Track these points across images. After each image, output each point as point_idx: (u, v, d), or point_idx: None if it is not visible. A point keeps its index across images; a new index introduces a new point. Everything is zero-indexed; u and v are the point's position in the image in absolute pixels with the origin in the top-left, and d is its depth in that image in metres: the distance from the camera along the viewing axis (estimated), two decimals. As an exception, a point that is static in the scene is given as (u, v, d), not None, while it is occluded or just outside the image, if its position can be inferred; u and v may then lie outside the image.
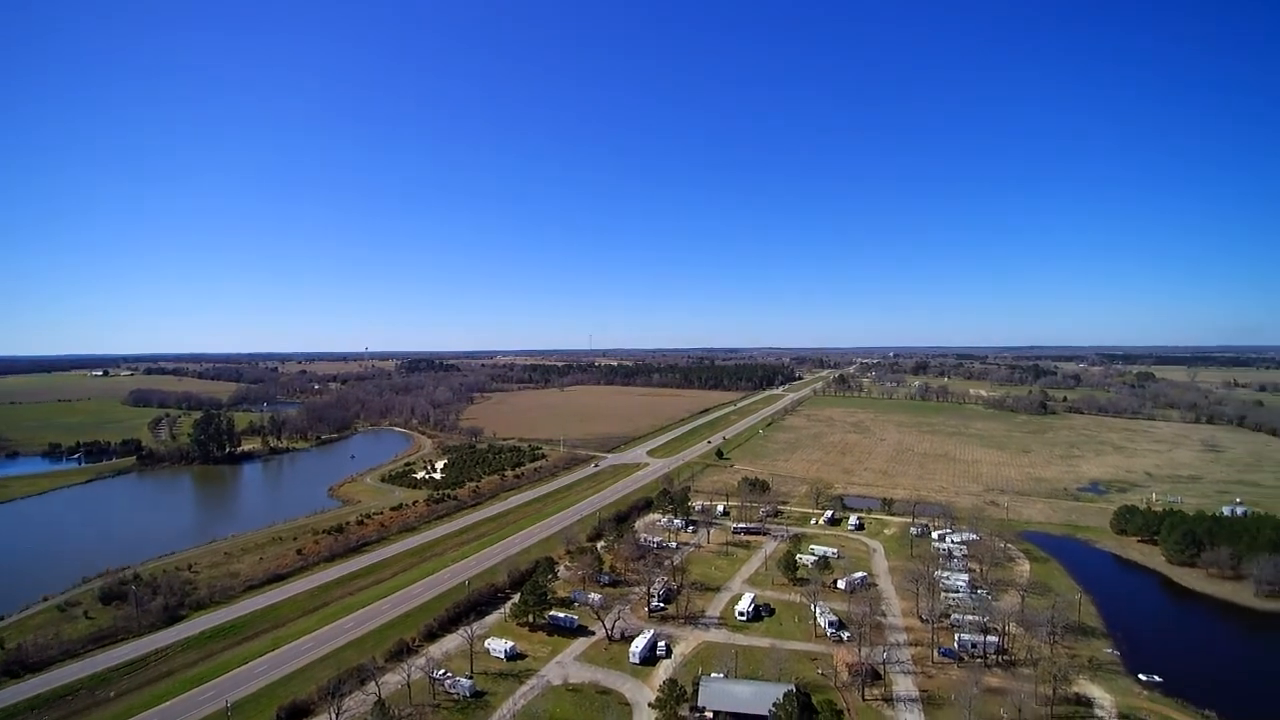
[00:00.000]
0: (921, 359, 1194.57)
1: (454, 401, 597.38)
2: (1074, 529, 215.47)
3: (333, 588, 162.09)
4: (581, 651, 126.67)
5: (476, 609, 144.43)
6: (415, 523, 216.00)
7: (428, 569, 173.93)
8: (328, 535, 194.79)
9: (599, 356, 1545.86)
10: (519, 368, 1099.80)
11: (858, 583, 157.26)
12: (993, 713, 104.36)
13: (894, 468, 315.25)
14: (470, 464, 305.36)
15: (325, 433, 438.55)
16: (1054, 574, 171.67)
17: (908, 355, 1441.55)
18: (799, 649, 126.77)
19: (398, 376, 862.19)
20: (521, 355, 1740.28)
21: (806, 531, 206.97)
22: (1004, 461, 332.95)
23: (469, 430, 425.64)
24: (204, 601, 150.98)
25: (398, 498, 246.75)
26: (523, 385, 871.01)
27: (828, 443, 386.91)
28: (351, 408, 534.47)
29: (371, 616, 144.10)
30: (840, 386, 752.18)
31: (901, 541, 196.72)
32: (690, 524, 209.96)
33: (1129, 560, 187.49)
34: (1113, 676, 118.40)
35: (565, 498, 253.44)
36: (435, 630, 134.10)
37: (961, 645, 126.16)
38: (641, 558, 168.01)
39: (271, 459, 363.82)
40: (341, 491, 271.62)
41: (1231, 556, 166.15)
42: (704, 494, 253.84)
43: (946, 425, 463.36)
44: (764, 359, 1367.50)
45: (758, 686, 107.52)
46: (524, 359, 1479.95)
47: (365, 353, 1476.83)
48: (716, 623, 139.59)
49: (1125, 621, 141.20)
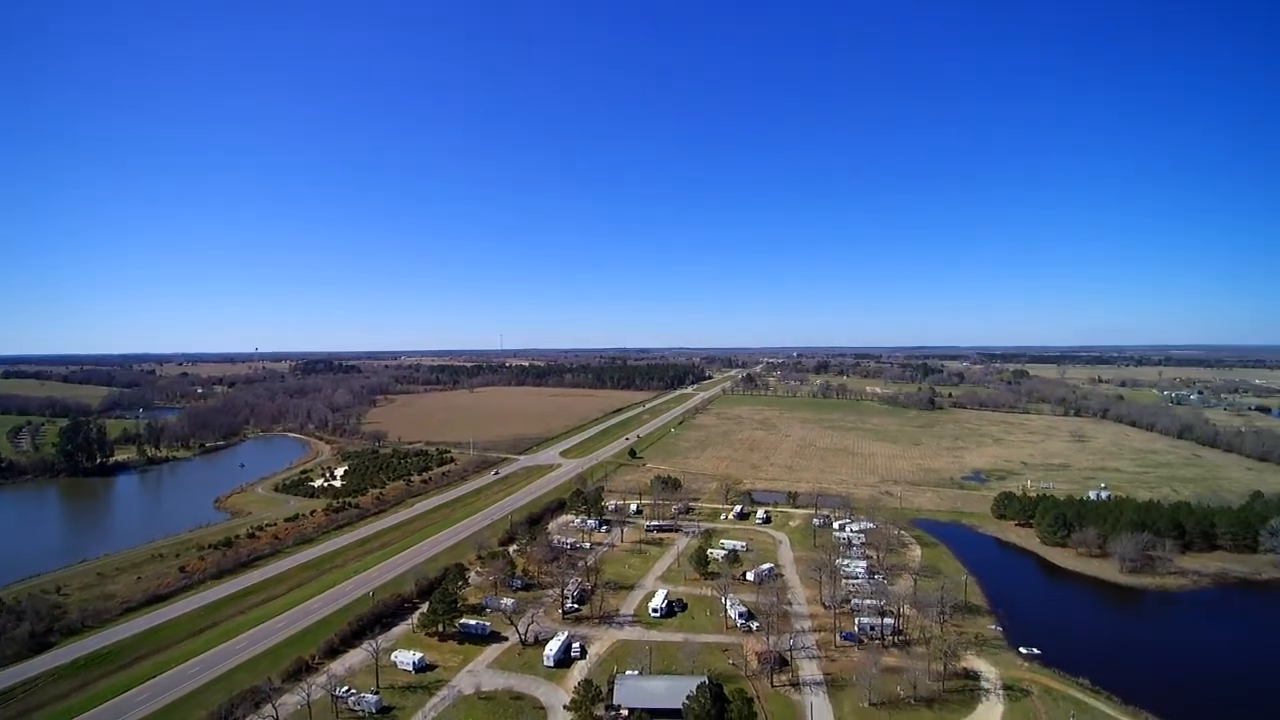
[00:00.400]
0: (823, 359, 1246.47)
1: (354, 404, 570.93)
2: (960, 515, 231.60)
3: (222, 606, 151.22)
4: (494, 658, 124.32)
5: (382, 621, 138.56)
6: (313, 534, 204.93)
7: (328, 582, 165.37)
8: (214, 550, 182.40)
9: (510, 357, 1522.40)
10: (425, 368, 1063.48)
11: (765, 574, 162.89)
12: (890, 690, 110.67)
13: (798, 462, 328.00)
14: (373, 470, 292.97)
15: (210, 440, 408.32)
16: (943, 557, 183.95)
17: (810, 355, 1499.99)
18: (711, 641, 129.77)
19: (292, 379, 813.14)
20: (428, 355, 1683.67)
21: (717, 527, 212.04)
22: (897, 454, 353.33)
23: (371, 434, 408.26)
24: (76, 626, 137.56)
25: (293, 508, 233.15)
26: (429, 387, 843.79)
27: (736, 440, 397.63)
28: (240, 413, 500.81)
29: (266, 635, 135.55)
30: (748, 385, 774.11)
31: (805, 533, 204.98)
32: (604, 524, 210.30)
33: (1008, 542, 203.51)
34: (997, 651, 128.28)
35: (476, 502, 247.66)
36: (337, 646, 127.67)
37: (861, 628, 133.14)
38: (555, 560, 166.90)
39: (149, 469, 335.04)
40: (230, 503, 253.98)
41: (1098, 537, 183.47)
42: (617, 493, 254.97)
43: (845, 421, 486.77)
44: (675, 359, 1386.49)
45: (672, 681, 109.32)
46: (431, 359, 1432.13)
47: (254, 353, 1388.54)
48: (631, 621, 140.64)
49: (1007, 599, 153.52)
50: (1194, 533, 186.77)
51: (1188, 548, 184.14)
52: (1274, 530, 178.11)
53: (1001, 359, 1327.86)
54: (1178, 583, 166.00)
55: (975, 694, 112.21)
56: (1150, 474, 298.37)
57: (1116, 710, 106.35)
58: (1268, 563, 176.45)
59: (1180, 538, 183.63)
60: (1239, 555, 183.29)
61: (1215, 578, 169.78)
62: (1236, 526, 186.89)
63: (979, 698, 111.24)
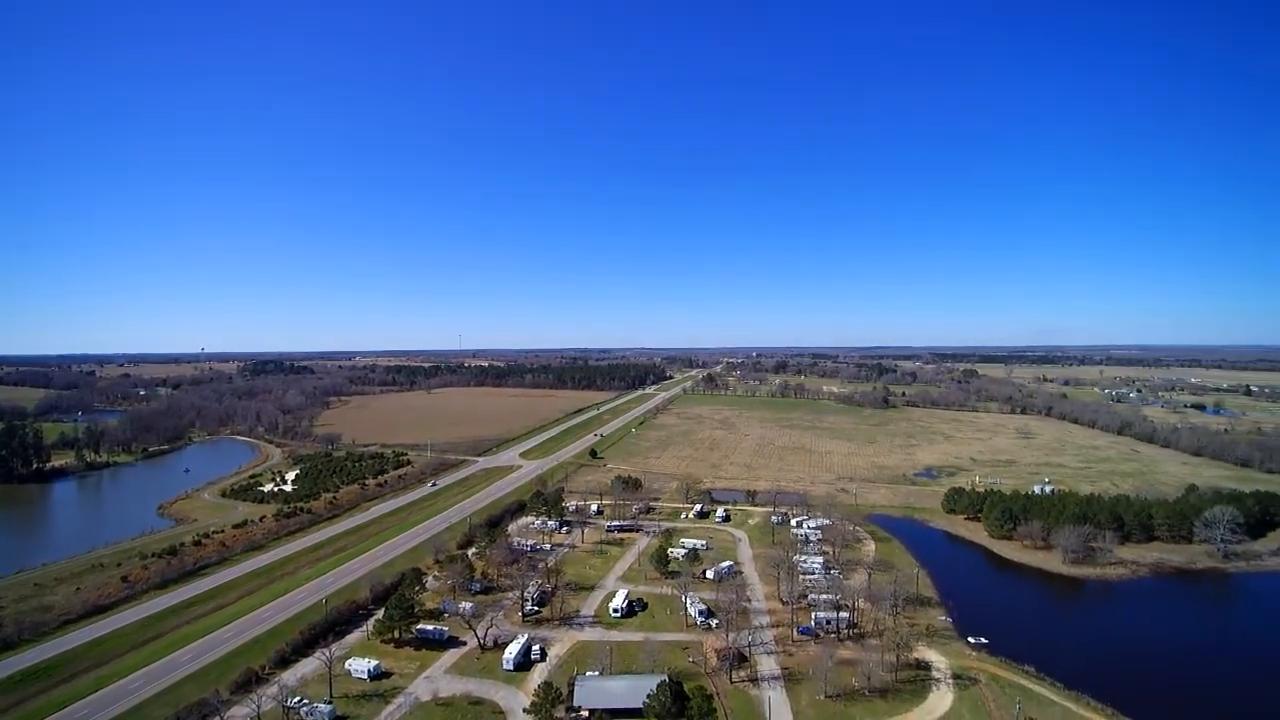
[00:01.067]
0: (781, 358, 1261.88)
1: (307, 406, 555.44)
2: (911, 510, 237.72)
3: (167, 617, 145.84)
4: (452, 663, 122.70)
5: (336, 629, 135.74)
6: (263, 540, 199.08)
7: (278, 589, 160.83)
8: (159, 559, 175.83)
9: (469, 357, 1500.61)
10: (381, 369, 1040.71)
11: (725, 571, 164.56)
12: (846, 683, 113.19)
13: (757, 461, 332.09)
14: (326, 473, 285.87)
15: (153, 444, 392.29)
16: (895, 552, 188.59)
17: (769, 355, 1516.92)
18: (671, 640, 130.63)
19: (240, 380, 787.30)
20: (384, 356, 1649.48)
21: (677, 526, 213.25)
22: (852, 452, 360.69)
23: (324, 437, 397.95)
24: (11, 640, 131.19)
25: (242, 514, 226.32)
26: (386, 388, 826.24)
27: (697, 439, 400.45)
28: (185, 415, 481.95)
29: (213, 646, 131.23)
30: (708, 385, 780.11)
31: (764, 530, 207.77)
32: (564, 525, 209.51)
33: (958, 536, 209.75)
34: (947, 641, 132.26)
35: (434, 505, 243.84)
36: (289, 655, 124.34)
37: (818, 622, 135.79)
38: (515, 562, 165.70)
39: (89, 475, 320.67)
40: (174, 509, 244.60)
41: (1043, 529, 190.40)
42: (578, 494, 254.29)
43: (803, 420, 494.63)
44: (637, 359, 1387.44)
45: (632, 680, 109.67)
46: (387, 360, 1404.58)
47: (201, 354, 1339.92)
48: (591, 621, 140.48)
49: (956, 591, 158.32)
50: (1133, 525, 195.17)
51: (1127, 539, 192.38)
52: (1208, 522, 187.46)
53: (952, 359, 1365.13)
54: (1117, 572, 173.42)
55: (926, 683, 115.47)
56: (1092, 469, 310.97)
57: (1059, 695, 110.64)
58: (1202, 553, 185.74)
59: (1120, 529, 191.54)
60: (1175, 545, 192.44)
61: (1153, 567, 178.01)
62: (1173, 518, 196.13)
63: (930, 687, 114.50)
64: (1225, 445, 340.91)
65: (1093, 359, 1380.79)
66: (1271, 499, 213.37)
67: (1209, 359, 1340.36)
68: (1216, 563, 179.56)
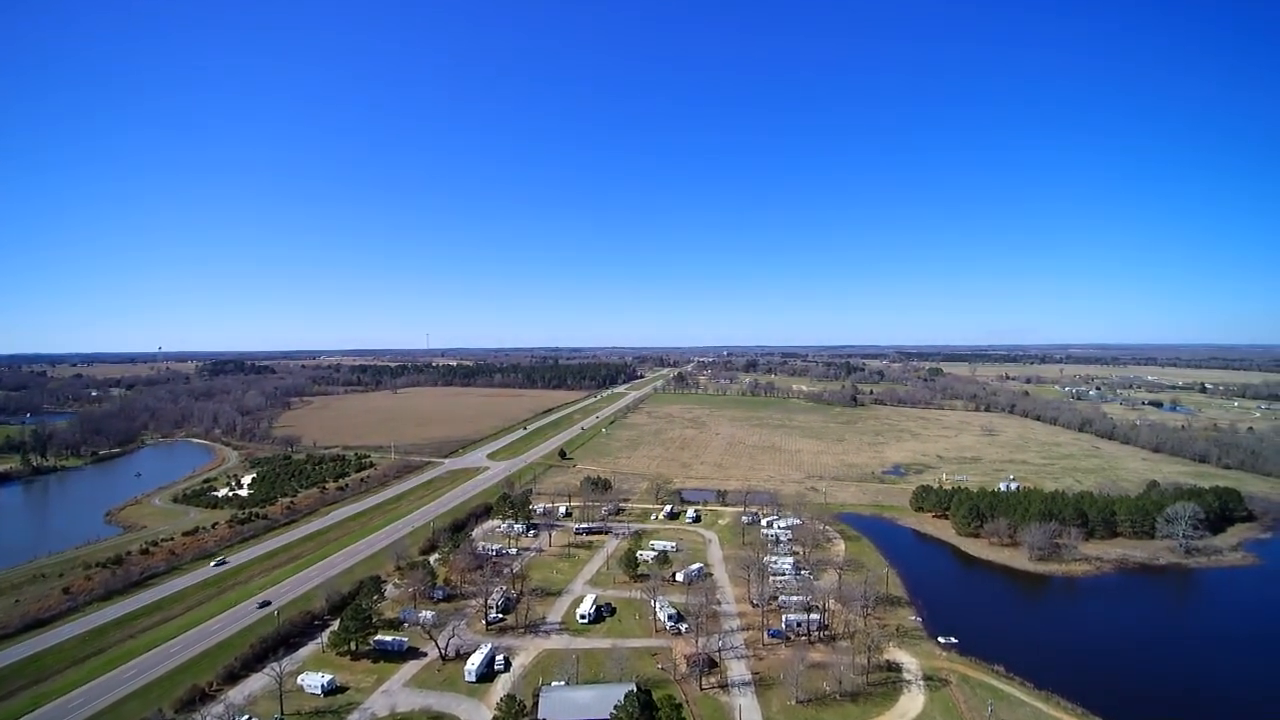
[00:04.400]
0: (752, 357, 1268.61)
1: (266, 408, 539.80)
2: (880, 509, 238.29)
3: (110, 630, 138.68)
4: (412, 676, 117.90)
5: (289, 642, 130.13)
6: (214, 548, 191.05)
7: (229, 600, 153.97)
8: (103, 569, 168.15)
9: (437, 356, 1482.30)
10: (345, 369, 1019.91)
11: (695, 574, 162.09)
12: (817, 687, 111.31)
13: (728, 460, 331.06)
14: (285, 477, 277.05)
15: (104, 447, 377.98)
16: (865, 551, 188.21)
17: (740, 354, 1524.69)
18: (640, 646, 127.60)
19: (198, 380, 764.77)
20: (349, 355, 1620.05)
21: (647, 527, 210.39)
22: (822, 450, 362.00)
23: (284, 439, 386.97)
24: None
25: (193, 520, 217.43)
26: (350, 388, 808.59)
27: (668, 439, 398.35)
28: (139, 417, 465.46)
29: (159, 661, 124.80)
30: (679, 384, 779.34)
31: (734, 530, 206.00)
32: (531, 528, 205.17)
33: (926, 534, 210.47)
34: (917, 641, 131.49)
35: (396, 509, 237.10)
36: (237, 670, 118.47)
37: (788, 625, 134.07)
38: (479, 568, 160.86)
39: (35, 480, 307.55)
40: (123, 516, 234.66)
41: (1009, 527, 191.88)
42: (546, 496, 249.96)
43: (773, 419, 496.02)
44: (608, 358, 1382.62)
45: (599, 690, 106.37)
46: (352, 359, 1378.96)
47: (158, 353, 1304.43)
48: (558, 628, 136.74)
49: (926, 590, 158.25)
50: (1096, 521, 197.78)
51: (1091, 535, 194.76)
52: (1170, 518, 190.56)
53: (918, 357, 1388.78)
54: (1082, 569, 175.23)
55: (898, 686, 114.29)
56: (1055, 465, 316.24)
57: (1029, 695, 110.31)
58: (1164, 549, 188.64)
59: (1084, 526, 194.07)
60: (1138, 541, 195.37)
61: (1116, 563, 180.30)
62: (1135, 514, 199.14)
63: (901, 689, 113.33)
64: (1183, 441, 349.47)
65: (1053, 357, 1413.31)
66: (1231, 495, 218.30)
67: (1164, 357, 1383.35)
68: (1179, 558, 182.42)
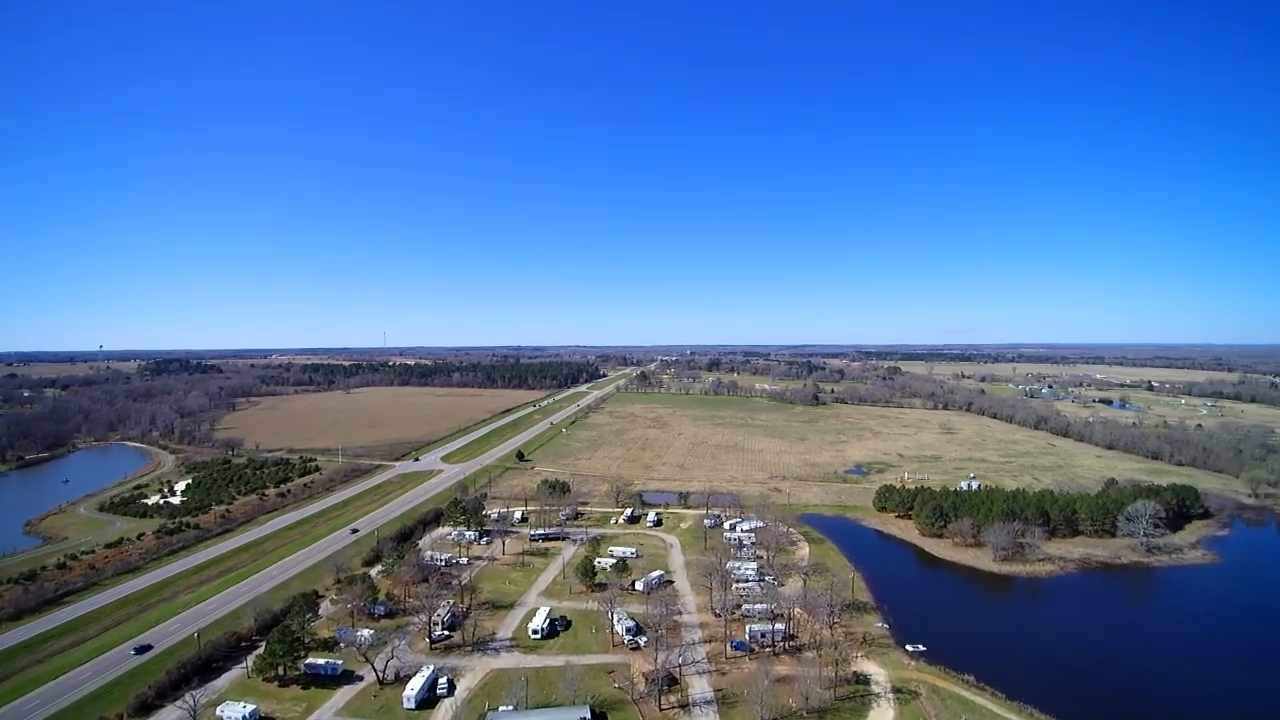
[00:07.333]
0: (715, 356, 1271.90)
1: (209, 409, 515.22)
2: (844, 509, 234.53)
3: (17, 654, 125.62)
4: (345, 703, 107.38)
5: (213, 665, 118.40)
6: (139, 561, 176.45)
7: (149, 620, 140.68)
8: (15, 585, 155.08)
9: (395, 355, 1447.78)
10: (297, 368, 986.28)
11: (655, 582, 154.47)
12: (783, 703, 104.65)
13: (690, 461, 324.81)
14: (222, 483, 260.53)
15: (31, 451, 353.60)
16: (829, 554, 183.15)
17: (703, 353, 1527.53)
18: (596, 662, 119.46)
19: (139, 380, 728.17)
20: (302, 354, 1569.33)
21: (607, 532, 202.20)
22: (785, 449, 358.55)
23: (225, 442, 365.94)
24: None
25: (119, 531, 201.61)
26: (301, 388, 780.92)
27: (629, 439, 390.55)
28: (71, 419, 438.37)
29: (65, 690, 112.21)
30: (642, 383, 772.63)
31: (696, 534, 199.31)
32: (484, 535, 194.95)
33: (889, 535, 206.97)
34: (885, 650, 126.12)
35: (340, 516, 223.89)
36: (151, 700, 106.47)
37: (752, 636, 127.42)
38: (425, 580, 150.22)
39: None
40: (43, 526, 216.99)
41: (972, 527, 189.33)
42: (502, 500, 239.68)
43: (736, 418, 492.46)
44: (570, 357, 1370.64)
45: (550, 715, 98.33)
46: (305, 358, 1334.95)
47: (99, 352, 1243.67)
48: (508, 645, 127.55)
49: (891, 594, 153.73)
50: (1058, 520, 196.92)
51: (1053, 534, 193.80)
52: (1130, 516, 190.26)
53: (877, 356, 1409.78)
54: (1046, 569, 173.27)
55: (866, 700, 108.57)
56: (1013, 463, 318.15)
57: (1001, 706, 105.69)
58: (1125, 547, 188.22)
59: (1046, 525, 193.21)
60: (1099, 540, 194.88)
61: (1079, 563, 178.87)
62: (1096, 513, 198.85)
63: (870, 703, 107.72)
64: (1136, 439, 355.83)
65: (1005, 356, 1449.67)
66: (1189, 492, 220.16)
67: (1110, 356, 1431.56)
68: (1140, 556, 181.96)
